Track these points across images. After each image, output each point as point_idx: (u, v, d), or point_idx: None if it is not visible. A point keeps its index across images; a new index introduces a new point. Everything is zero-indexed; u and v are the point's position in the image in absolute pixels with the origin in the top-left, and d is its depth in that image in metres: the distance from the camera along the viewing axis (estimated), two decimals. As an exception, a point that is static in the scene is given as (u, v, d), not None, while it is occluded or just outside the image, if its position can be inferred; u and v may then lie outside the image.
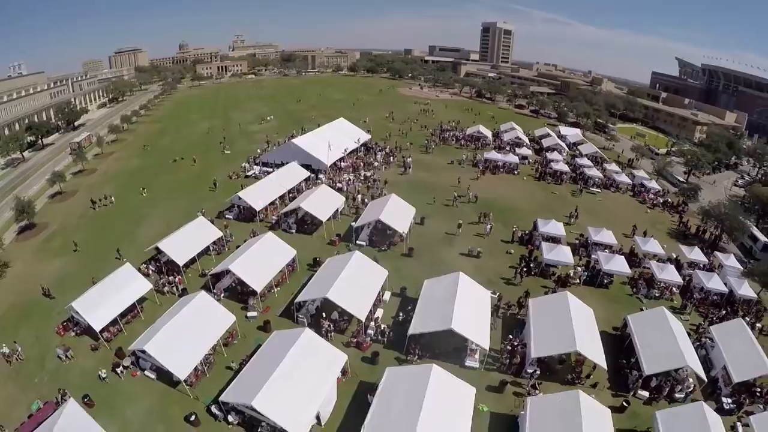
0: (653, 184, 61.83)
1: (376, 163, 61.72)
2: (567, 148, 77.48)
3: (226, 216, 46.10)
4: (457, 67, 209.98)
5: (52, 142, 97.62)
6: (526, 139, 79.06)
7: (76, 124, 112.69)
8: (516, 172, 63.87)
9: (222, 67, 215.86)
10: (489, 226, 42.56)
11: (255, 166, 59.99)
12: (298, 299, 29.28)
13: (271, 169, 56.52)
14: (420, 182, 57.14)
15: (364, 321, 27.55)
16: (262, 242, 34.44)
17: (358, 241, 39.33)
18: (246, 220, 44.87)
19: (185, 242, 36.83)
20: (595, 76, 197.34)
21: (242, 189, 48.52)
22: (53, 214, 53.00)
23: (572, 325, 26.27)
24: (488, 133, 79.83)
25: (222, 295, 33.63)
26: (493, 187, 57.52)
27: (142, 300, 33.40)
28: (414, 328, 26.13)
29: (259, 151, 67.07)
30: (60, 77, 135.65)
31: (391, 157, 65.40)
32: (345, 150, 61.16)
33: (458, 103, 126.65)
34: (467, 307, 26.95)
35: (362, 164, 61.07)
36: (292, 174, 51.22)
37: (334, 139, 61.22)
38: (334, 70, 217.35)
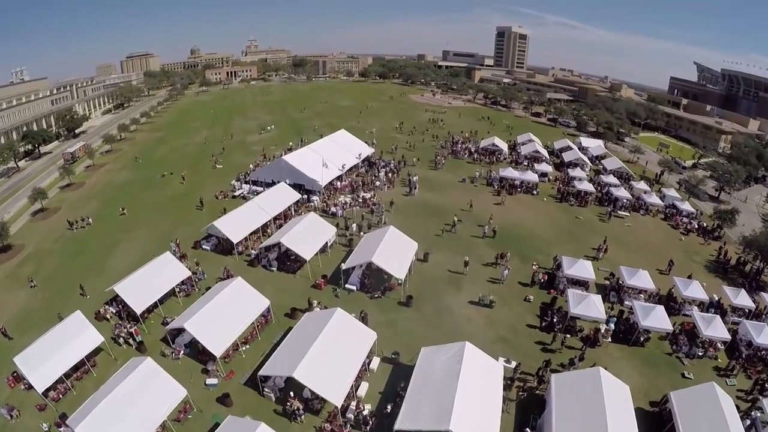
0: (686, 206, 55.02)
1: (377, 183, 55.49)
2: (589, 163, 70.79)
3: (203, 246, 40.72)
4: (471, 73, 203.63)
5: (50, 151, 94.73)
6: (545, 153, 72.29)
7: (77, 131, 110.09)
8: (535, 192, 57.23)
9: (231, 72, 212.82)
10: (506, 271, 35.82)
11: (244, 185, 54.52)
12: (262, 372, 23.53)
13: (260, 189, 51.32)
14: (426, 205, 50.90)
15: (341, 404, 21.70)
16: (229, 290, 28.88)
17: (347, 285, 33.36)
18: (224, 253, 39.35)
19: (147, 284, 31.54)
20: (613, 81, 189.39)
21: (225, 212, 43.49)
22: (31, 235, 49.26)
23: (606, 418, 20.13)
24: (504, 146, 73.24)
25: (182, 352, 28.29)
26: (510, 210, 51.04)
27: (98, 350, 28.60)
28: (402, 423, 20.05)
29: (251, 166, 61.82)
30: (64, 83, 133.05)
31: (392, 174, 59.05)
32: (343, 167, 55.39)
33: (472, 111, 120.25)
34: (473, 392, 20.96)
35: (362, 184, 55.26)
36: (280, 197, 45.43)
37: (332, 153, 55.88)
38: (345, 75, 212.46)
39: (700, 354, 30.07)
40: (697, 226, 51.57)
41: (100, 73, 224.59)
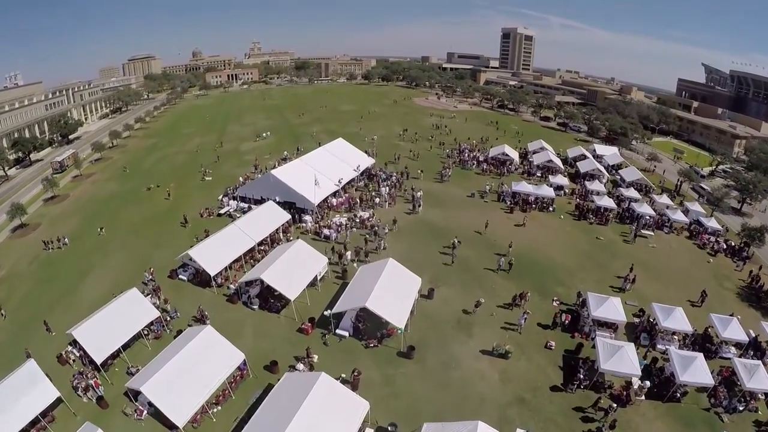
0: (713, 223, 50.27)
1: (377, 200, 49.85)
2: (606, 173, 65.87)
3: (180, 276, 36.27)
4: (476, 75, 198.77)
5: (42, 158, 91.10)
6: (559, 163, 67.10)
7: (70, 137, 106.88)
8: (551, 209, 51.93)
9: (232, 75, 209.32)
10: (524, 318, 30.37)
11: (231, 201, 50.02)
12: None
13: (249, 206, 47.06)
14: (431, 226, 45.86)
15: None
16: (199, 341, 24.46)
17: (338, 331, 28.63)
18: (203, 284, 34.79)
19: (109, 328, 27.28)
20: (620, 83, 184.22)
21: (207, 235, 39.30)
22: (8, 254, 45.71)
23: None
24: (514, 155, 68.35)
25: (146, 411, 24.03)
26: (525, 231, 45.99)
27: (58, 401, 24.54)
28: None
29: (241, 179, 57.18)
30: (59, 87, 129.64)
31: (394, 189, 54.19)
32: (339, 181, 50.54)
33: (479, 115, 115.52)
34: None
35: (359, 201, 49.98)
36: (266, 218, 40.50)
37: (327, 166, 51.37)
38: (348, 78, 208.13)
39: (741, 408, 25.69)
40: (725, 246, 46.90)
41: (103, 76, 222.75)
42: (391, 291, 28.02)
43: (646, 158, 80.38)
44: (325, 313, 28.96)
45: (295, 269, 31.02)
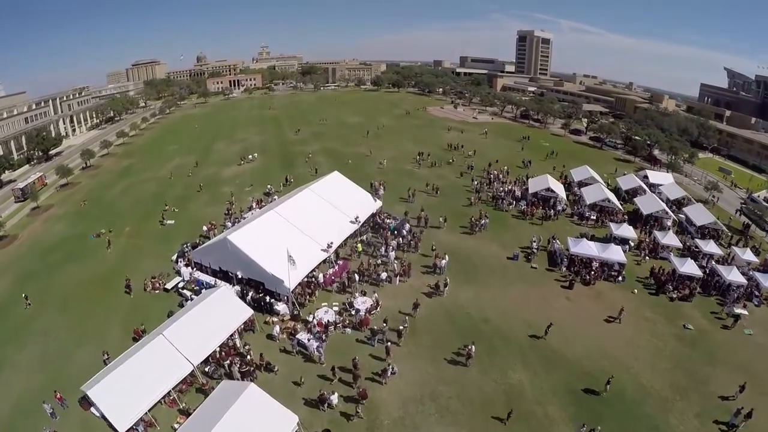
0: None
1: (384, 274, 34.96)
2: (671, 213, 51.05)
3: (92, 409, 23.66)
4: (492, 80, 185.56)
5: (15, 179, 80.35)
6: (616, 201, 51.99)
7: (52, 153, 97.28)
8: (620, 278, 37.82)
9: (234, 81, 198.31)
10: None
11: (184, 268, 35.84)
12: None
13: (206, 279, 34.10)
14: (462, 319, 31.54)
15: None
16: None
17: None
18: (118, 428, 22.63)
19: None
20: (644, 89, 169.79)
21: (139, 336, 27.28)
22: None
23: None
24: (560, 190, 53.17)
25: None
26: (587, 323, 31.97)
27: None
28: None
29: (205, 228, 43.74)
30: (45, 97, 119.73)
31: (408, 246, 40.49)
32: (329, 246, 35.86)
33: (503, 128, 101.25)
34: None
35: (358, 275, 34.79)
36: (214, 320, 26.72)
37: (313, 218, 37.63)
38: (356, 84, 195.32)
39: None
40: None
41: (111, 81, 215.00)
42: None
43: (704, 186, 66.18)
44: None
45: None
